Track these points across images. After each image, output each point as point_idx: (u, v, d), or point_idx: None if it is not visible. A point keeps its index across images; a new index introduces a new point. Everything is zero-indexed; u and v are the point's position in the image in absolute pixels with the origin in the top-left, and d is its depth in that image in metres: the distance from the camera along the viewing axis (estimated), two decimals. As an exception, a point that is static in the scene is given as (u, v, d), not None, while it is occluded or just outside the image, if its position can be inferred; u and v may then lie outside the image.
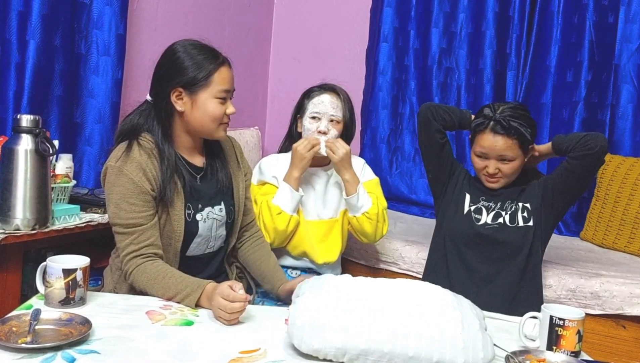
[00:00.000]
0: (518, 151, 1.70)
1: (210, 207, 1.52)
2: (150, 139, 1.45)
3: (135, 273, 1.36)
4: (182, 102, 1.44)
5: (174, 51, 1.47)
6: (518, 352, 1.11)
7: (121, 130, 1.49)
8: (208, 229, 1.52)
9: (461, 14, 2.93)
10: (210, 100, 1.44)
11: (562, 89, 2.74)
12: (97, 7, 2.27)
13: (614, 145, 2.66)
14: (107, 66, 2.30)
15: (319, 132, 1.84)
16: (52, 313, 1.13)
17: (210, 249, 1.56)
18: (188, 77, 1.42)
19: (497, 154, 1.70)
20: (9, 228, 1.56)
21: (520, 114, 1.69)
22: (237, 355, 1.05)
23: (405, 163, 3.06)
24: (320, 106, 1.85)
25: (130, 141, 1.43)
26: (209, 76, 1.43)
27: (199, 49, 1.46)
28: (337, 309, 1.07)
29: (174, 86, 1.43)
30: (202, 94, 1.43)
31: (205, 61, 1.44)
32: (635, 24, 2.61)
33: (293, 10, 3.52)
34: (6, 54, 1.98)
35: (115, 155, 1.42)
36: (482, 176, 1.77)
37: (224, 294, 1.20)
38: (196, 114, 1.44)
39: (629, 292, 1.87)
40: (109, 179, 1.41)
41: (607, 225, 2.47)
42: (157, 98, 1.47)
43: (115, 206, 1.38)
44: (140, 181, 1.38)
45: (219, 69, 1.45)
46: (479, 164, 1.76)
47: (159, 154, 1.43)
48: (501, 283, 1.72)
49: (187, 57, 1.44)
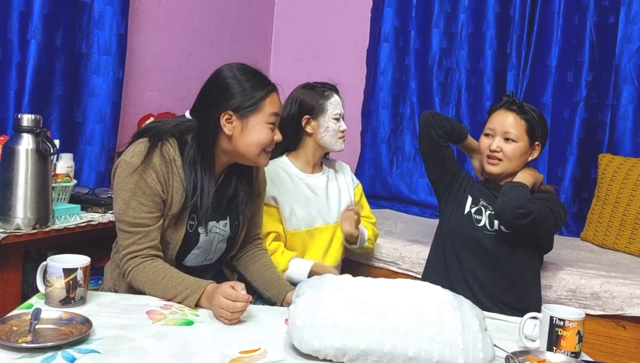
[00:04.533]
0: (524, 134, 1.72)
1: (215, 222, 1.49)
2: (175, 149, 1.41)
3: (134, 272, 1.36)
4: (232, 126, 1.41)
5: (223, 76, 1.43)
6: (518, 353, 1.11)
7: (146, 129, 1.44)
8: (209, 242, 1.50)
9: (462, 14, 2.93)
10: (261, 125, 1.42)
11: (563, 90, 2.74)
12: (98, 7, 2.27)
13: (614, 145, 2.66)
14: (108, 65, 2.31)
15: (342, 131, 1.91)
16: (52, 312, 1.13)
17: (209, 261, 1.55)
18: (240, 101, 1.40)
19: (504, 130, 1.72)
20: (9, 228, 1.56)
21: (535, 110, 1.77)
22: (237, 355, 1.05)
23: (406, 163, 3.06)
24: (339, 106, 1.91)
25: (153, 143, 1.38)
26: (261, 101, 1.41)
27: (249, 74, 1.44)
28: (337, 309, 1.07)
29: (225, 109, 1.40)
30: (253, 118, 1.41)
31: (257, 86, 1.42)
32: (635, 25, 2.61)
33: (294, 10, 3.52)
34: (7, 54, 1.99)
35: (132, 151, 1.38)
36: (485, 158, 1.78)
37: (227, 294, 1.20)
38: (245, 138, 1.42)
39: (630, 293, 1.87)
40: (120, 174, 1.37)
41: (607, 226, 2.46)
42: (203, 119, 1.42)
43: (123, 202, 1.36)
44: (153, 183, 1.36)
45: (271, 95, 1.44)
46: (485, 143, 1.77)
47: (180, 167, 1.40)
48: (495, 285, 1.72)
49: (238, 83, 1.41)
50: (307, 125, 1.88)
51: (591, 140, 2.71)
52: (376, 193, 3.06)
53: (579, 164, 2.73)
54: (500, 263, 1.73)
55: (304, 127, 1.88)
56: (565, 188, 2.73)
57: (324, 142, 1.89)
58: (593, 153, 2.68)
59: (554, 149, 2.76)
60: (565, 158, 2.74)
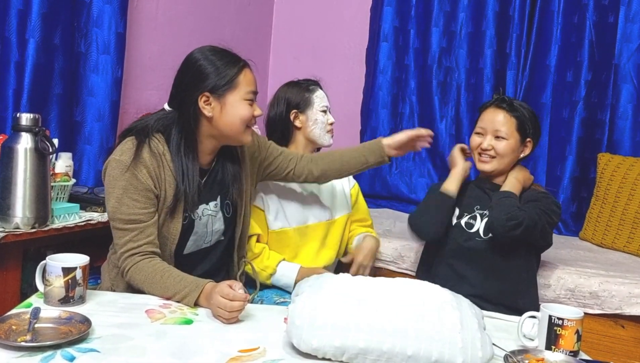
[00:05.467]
0: (514, 132, 1.73)
1: (205, 204, 1.51)
2: (163, 143, 1.42)
3: (132, 271, 1.36)
4: (211, 107, 1.42)
5: (195, 59, 1.45)
6: (517, 352, 1.11)
7: (132, 128, 1.45)
8: (204, 226, 1.51)
9: (461, 14, 2.93)
10: (239, 102, 1.43)
11: (562, 89, 2.74)
12: (97, 6, 2.27)
13: (613, 145, 2.66)
14: (107, 64, 2.30)
15: (330, 124, 1.93)
16: (51, 311, 1.13)
17: (207, 244, 1.55)
18: (215, 81, 1.41)
19: (495, 128, 1.73)
20: (8, 227, 1.56)
21: (526, 106, 1.77)
22: (236, 354, 1.05)
23: (405, 163, 3.06)
24: (325, 99, 1.93)
25: (140, 140, 1.40)
26: (235, 78, 1.43)
27: (219, 53, 1.45)
28: (336, 308, 1.07)
29: (201, 91, 1.41)
30: (230, 96, 1.42)
31: (229, 64, 1.43)
32: (635, 24, 2.62)
33: (293, 9, 3.52)
34: (6, 53, 1.98)
35: (121, 149, 1.39)
36: (476, 156, 1.79)
37: (224, 293, 1.20)
38: (225, 117, 1.43)
39: (628, 292, 1.87)
40: (111, 172, 1.38)
41: (606, 225, 2.47)
42: (182, 106, 1.44)
43: (116, 200, 1.36)
44: (144, 178, 1.36)
45: (244, 71, 1.45)
46: (476, 141, 1.78)
47: (170, 161, 1.41)
48: (489, 286, 1.72)
49: (210, 63, 1.42)
50: (296, 119, 1.90)
51: (590, 139, 2.71)
52: (375, 193, 3.06)
53: (578, 163, 2.73)
54: (495, 269, 1.73)
55: (292, 121, 1.90)
56: (564, 187, 2.74)
57: (314, 135, 1.89)
58: (592, 152, 2.68)
59: (553, 149, 2.76)
60: (564, 157, 2.74)
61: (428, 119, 3.02)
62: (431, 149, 3.04)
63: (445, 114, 3.00)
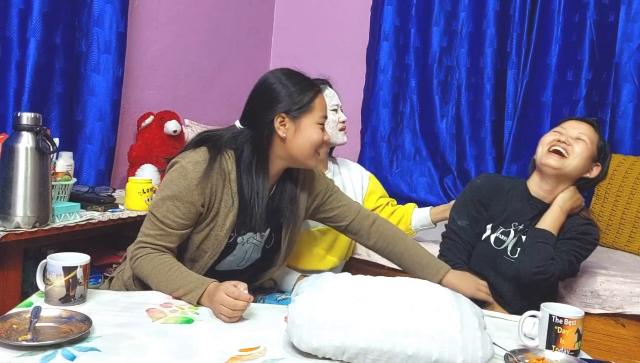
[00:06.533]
0: (594, 144, 1.65)
1: (253, 232, 1.50)
2: (232, 161, 1.43)
3: (142, 259, 1.37)
4: (285, 128, 1.42)
5: (269, 82, 1.45)
6: (517, 351, 1.11)
7: (204, 138, 1.46)
8: (243, 251, 1.52)
9: (462, 13, 2.93)
10: (312, 125, 1.44)
11: (563, 88, 2.74)
12: (98, 5, 2.27)
13: (614, 144, 2.66)
14: (108, 64, 2.31)
15: (342, 122, 1.92)
16: (52, 310, 1.13)
17: (239, 268, 1.56)
18: (291, 104, 1.42)
19: (578, 131, 1.64)
20: (9, 226, 1.57)
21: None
22: (236, 353, 1.05)
23: (406, 162, 3.06)
24: (335, 98, 1.92)
25: (213, 154, 1.41)
26: (311, 101, 1.44)
27: (295, 77, 1.46)
28: (337, 307, 1.07)
29: (278, 111, 1.42)
30: (305, 119, 1.43)
31: (305, 87, 1.45)
32: (635, 23, 2.61)
33: (293, 9, 3.52)
34: (7, 52, 1.99)
35: (194, 158, 1.40)
36: (544, 151, 1.66)
37: (229, 291, 1.20)
38: (298, 139, 1.43)
39: (629, 291, 1.87)
40: (174, 174, 1.39)
41: (607, 224, 2.47)
42: (257, 125, 1.44)
43: (162, 199, 1.39)
44: (197, 197, 1.38)
45: (319, 95, 1.46)
46: (551, 136, 1.67)
47: (233, 180, 1.42)
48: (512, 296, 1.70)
49: (285, 87, 1.43)
50: None
51: (591, 138, 2.72)
52: (376, 192, 3.07)
53: (578, 162, 2.73)
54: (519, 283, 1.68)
55: None
56: (564, 187, 2.74)
57: None
58: (593, 152, 2.68)
59: (553, 148, 2.76)
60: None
61: (429, 118, 3.03)
62: (431, 149, 3.04)
63: (446, 113, 3.00)
